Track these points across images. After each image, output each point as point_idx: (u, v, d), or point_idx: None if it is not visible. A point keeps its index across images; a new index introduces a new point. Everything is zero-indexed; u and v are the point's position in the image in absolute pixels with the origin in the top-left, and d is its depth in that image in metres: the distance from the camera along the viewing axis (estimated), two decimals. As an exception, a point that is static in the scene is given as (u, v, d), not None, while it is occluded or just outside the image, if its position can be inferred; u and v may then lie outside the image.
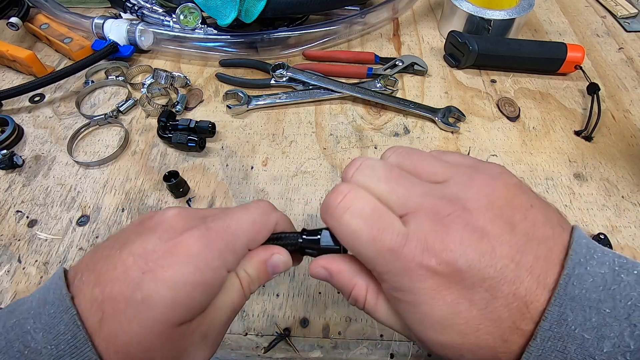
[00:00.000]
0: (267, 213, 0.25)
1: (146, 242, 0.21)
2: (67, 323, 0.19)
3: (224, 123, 0.52)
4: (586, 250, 0.19)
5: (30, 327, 0.19)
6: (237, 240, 0.23)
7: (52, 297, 0.20)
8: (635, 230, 0.42)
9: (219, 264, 0.22)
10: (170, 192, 0.44)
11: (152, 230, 0.22)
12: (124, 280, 0.20)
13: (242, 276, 0.24)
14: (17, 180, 0.46)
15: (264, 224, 0.24)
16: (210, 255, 0.21)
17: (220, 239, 0.22)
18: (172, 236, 0.21)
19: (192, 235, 0.22)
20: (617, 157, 0.48)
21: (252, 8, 0.56)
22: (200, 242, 0.21)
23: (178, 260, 0.20)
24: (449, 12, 0.62)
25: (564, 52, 0.55)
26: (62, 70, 0.53)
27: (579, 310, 0.18)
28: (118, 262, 0.21)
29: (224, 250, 0.22)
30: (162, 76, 0.53)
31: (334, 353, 0.35)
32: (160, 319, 0.20)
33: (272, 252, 0.24)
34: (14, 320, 0.20)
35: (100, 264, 0.21)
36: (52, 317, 0.19)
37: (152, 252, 0.21)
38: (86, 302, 0.20)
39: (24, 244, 0.41)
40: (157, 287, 0.20)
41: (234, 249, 0.23)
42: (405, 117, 0.53)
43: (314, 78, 0.55)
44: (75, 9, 0.65)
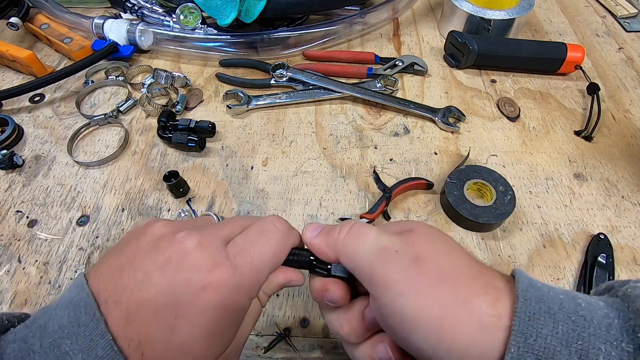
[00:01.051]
0: (286, 238, 0.26)
1: (173, 281, 0.21)
2: (105, 347, 0.19)
3: (224, 123, 0.52)
4: None
5: (69, 348, 0.19)
6: (262, 276, 0.24)
7: (85, 319, 0.20)
8: (635, 230, 0.42)
9: (246, 300, 0.23)
10: (170, 192, 0.44)
11: (177, 267, 0.21)
12: (158, 324, 0.20)
13: (262, 297, 0.26)
14: (17, 180, 0.46)
15: (284, 251, 0.25)
16: (239, 294, 0.22)
17: (246, 278, 0.23)
18: (200, 277, 0.21)
19: (221, 275, 0.22)
20: (617, 157, 0.48)
21: (252, 8, 0.56)
22: (229, 284, 0.22)
23: (211, 305, 0.21)
24: (449, 12, 0.62)
25: (564, 52, 0.55)
26: (62, 70, 0.53)
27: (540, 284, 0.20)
28: (147, 302, 0.20)
29: (250, 289, 0.23)
30: (162, 76, 0.53)
31: (334, 353, 0.35)
32: (189, 354, 0.21)
33: (290, 279, 0.26)
34: (50, 339, 0.20)
35: (127, 296, 0.21)
36: (88, 339, 0.19)
37: (181, 295, 0.21)
38: (120, 338, 0.20)
39: (24, 244, 0.41)
40: (192, 333, 0.21)
41: (259, 284, 0.24)
42: (405, 117, 0.53)
43: (314, 78, 0.55)
44: (75, 9, 0.65)
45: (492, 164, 0.47)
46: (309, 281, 0.26)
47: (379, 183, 0.45)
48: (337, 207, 0.43)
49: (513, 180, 0.45)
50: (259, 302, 0.26)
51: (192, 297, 0.21)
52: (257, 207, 0.44)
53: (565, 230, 0.42)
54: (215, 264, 0.22)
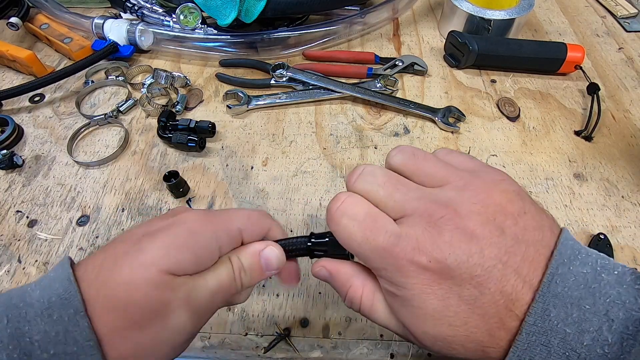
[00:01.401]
0: (263, 215, 0.27)
1: (152, 222, 0.25)
2: (62, 280, 0.21)
3: (224, 123, 0.52)
4: (571, 252, 0.20)
5: (30, 288, 0.21)
6: (231, 223, 0.25)
7: (56, 268, 0.22)
8: (635, 230, 0.42)
9: (211, 235, 0.24)
10: (170, 192, 0.44)
11: (159, 216, 0.26)
12: (125, 241, 0.23)
13: (235, 261, 0.25)
14: (17, 180, 0.46)
15: (258, 220, 0.27)
16: (204, 227, 0.24)
17: (215, 219, 0.25)
18: (174, 215, 0.25)
19: (191, 212, 0.25)
20: (617, 157, 0.48)
21: (252, 8, 0.56)
22: (197, 216, 0.24)
23: (176, 227, 0.23)
24: (449, 12, 0.62)
25: (564, 52, 0.55)
26: (62, 70, 0.53)
27: (561, 306, 0.19)
28: (126, 235, 0.24)
29: (217, 229, 0.24)
30: (162, 76, 0.53)
31: (334, 353, 0.35)
32: (148, 264, 0.21)
33: (266, 245, 0.26)
34: (20, 288, 0.22)
35: (110, 243, 0.24)
36: (50, 279, 0.21)
37: (154, 225, 0.24)
38: (89, 265, 0.22)
39: (24, 244, 0.41)
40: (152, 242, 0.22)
41: (228, 229, 0.25)
42: (405, 117, 0.53)
43: (314, 78, 0.55)
44: (75, 9, 0.65)
45: (492, 163, 0.47)
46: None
47: (379, 183, 0.45)
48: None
49: (513, 180, 0.45)
50: (231, 270, 0.25)
51: (162, 225, 0.24)
52: (257, 207, 0.44)
53: (565, 230, 0.42)
54: (192, 210, 0.25)
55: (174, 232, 0.23)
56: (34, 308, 0.20)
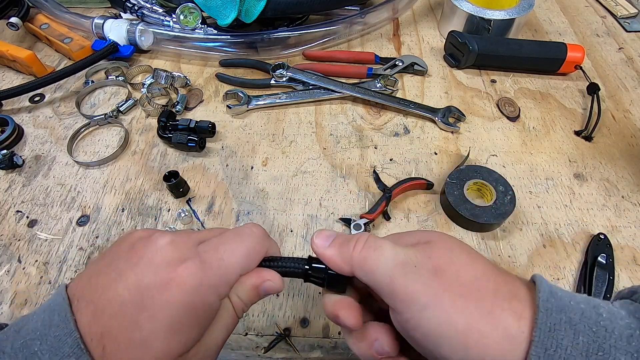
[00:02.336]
0: (261, 242, 0.26)
1: (141, 276, 0.21)
2: (72, 346, 0.20)
3: (224, 123, 0.52)
4: None
5: (38, 348, 0.20)
6: (231, 273, 0.24)
7: (57, 320, 0.20)
8: (635, 230, 0.42)
9: (214, 298, 0.23)
10: (170, 192, 0.44)
11: (147, 263, 0.22)
12: (122, 318, 0.21)
13: (235, 300, 0.25)
14: (17, 180, 0.46)
15: (257, 254, 0.25)
16: (205, 291, 0.22)
17: (214, 274, 0.23)
18: (167, 270, 0.22)
19: (187, 269, 0.22)
20: (617, 157, 0.48)
21: (252, 8, 0.56)
22: (195, 278, 0.22)
23: (174, 299, 0.21)
24: (449, 12, 0.62)
25: (564, 52, 0.55)
26: (62, 70, 0.53)
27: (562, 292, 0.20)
28: (114, 297, 0.21)
29: (218, 285, 0.23)
30: (162, 76, 0.53)
31: (334, 353, 0.35)
32: (159, 356, 0.21)
33: (264, 279, 0.25)
34: (21, 341, 0.20)
35: (98, 294, 0.21)
36: (57, 339, 0.20)
37: (146, 288, 0.21)
38: (86, 334, 0.20)
39: (24, 244, 0.41)
40: (154, 327, 0.21)
41: (228, 282, 0.24)
42: (405, 117, 0.53)
43: (314, 78, 0.55)
44: (75, 9, 0.65)
45: (492, 164, 0.47)
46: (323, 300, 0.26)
47: (379, 183, 0.45)
48: (337, 207, 0.43)
49: (513, 180, 0.45)
50: (232, 310, 0.25)
51: (157, 291, 0.21)
52: (257, 207, 0.44)
53: (565, 230, 0.42)
54: (183, 259, 0.22)
55: (174, 309, 0.21)
56: None
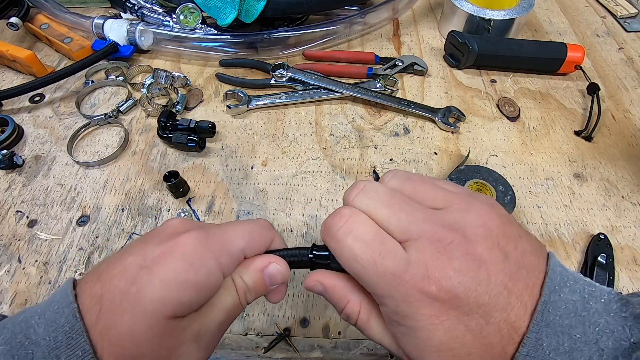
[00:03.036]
0: (265, 227, 0.26)
1: (147, 244, 0.22)
2: (67, 316, 0.20)
3: (224, 123, 0.52)
4: (560, 278, 0.20)
5: (35, 322, 0.20)
6: (233, 244, 0.24)
7: (59, 297, 0.21)
8: (635, 230, 0.42)
9: (214, 264, 0.22)
10: (170, 192, 0.44)
11: (155, 235, 0.23)
12: (121, 276, 0.21)
13: (238, 283, 0.24)
14: (17, 180, 0.46)
15: (260, 234, 0.25)
16: (205, 254, 0.22)
17: (216, 241, 0.23)
18: (171, 238, 0.23)
19: (189, 235, 0.23)
20: (617, 157, 0.48)
21: (252, 8, 0.56)
22: (197, 241, 0.22)
23: (173, 258, 0.21)
24: (449, 12, 0.62)
25: (564, 52, 0.55)
26: (62, 70, 0.53)
27: (553, 335, 0.19)
28: (118, 262, 0.22)
29: (219, 252, 0.23)
30: (162, 76, 0.53)
31: (334, 353, 0.35)
32: (151, 311, 0.20)
33: (270, 261, 0.25)
34: (22, 317, 0.21)
35: (103, 266, 0.22)
36: (54, 312, 0.20)
37: (150, 251, 0.22)
38: (87, 298, 0.21)
39: (24, 244, 0.41)
40: (150, 280, 0.21)
41: (230, 252, 0.23)
42: (405, 117, 0.53)
43: (314, 78, 0.55)
44: (75, 9, 0.65)
45: (492, 164, 0.47)
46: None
47: (379, 183, 0.45)
48: (337, 207, 0.43)
49: (513, 180, 0.45)
50: (235, 293, 0.24)
51: (159, 252, 0.22)
52: (257, 207, 0.44)
53: (565, 230, 0.42)
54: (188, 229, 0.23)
55: (173, 267, 0.21)
56: (41, 347, 0.19)
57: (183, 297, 0.21)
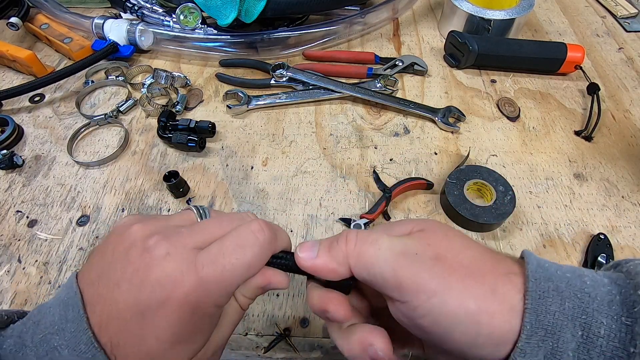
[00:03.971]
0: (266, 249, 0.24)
1: (139, 294, 0.21)
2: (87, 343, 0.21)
3: (224, 123, 0.52)
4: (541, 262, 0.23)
5: (57, 343, 0.21)
6: (231, 286, 0.23)
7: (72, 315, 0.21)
8: (635, 230, 0.42)
9: (214, 310, 0.23)
10: (170, 192, 0.44)
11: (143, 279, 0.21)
12: (127, 333, 0.21)
13: (241, 300, 0.25)
14: (17, 180, 0.46)
15: (261, 262, 0.24)
16: (204, 306, 0.22)
17: (213, 291, 0.22)
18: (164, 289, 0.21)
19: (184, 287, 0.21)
20: (617, 157, 0.48)
21: (252, 8, 0.56)
22: (193, 296, 0.21)
23: (173, 316, 0.21)
24: (449, 12, 0.62)
25: (564, 52, 0.55)
26: (62, 70, 0.53)
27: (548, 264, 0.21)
28: (117, 313, 0.21)
29: (217, 300, 0.23)
30: (162, 76, 0.53)
31: (334, 353, 0.35)
32: None
33: (269, 281, 0.25)
34: (41, 335, 0.21)
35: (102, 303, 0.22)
36: (73, 335, 0.21)
37: (146, 306, 0.21)
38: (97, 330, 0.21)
39: (24, 244, 0.41)
40: (159, 340, 0.21)
41: (228, 294, 0.23)
42: (405, 117, 0.53)
43: (314, 78, 0.55)
44: (75, 9, 0.65)
45: (492, 164, 0.47)
46: (307, 293, 0.25)
47: (379, 183, 0.45)
48: (337, 207, 0.43)
49: (513, 180, 0.45)
50: (238, 306, 0.25)
51: (156, 308, 0.21)
52: (257, 207, 0.44)
53: (565, 230, 0.42)
54: (180, 276, 0.21)
55: (176, 328, 0.21)
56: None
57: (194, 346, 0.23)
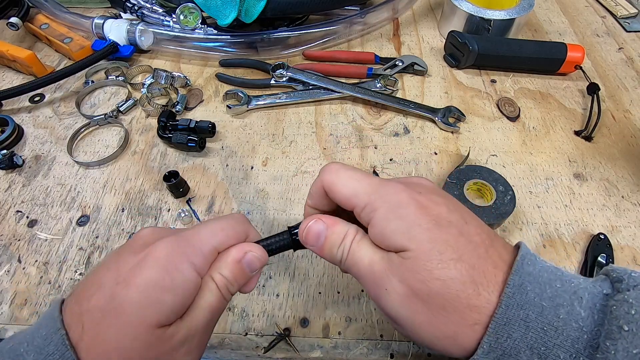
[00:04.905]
0: (239, 222, 0.26)
1: (120, 258, 0.23)
2: (57, 343, 0.20)
3: (224, 123, 0.52)
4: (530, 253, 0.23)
5: (24, 349, 0.20)
6: (205, 243, 0.24)
7: (46, 321, 0.21)
8: (635, 230, 0.42)
9: (187, 266, 0.23)
10: (170, 192, 0.44)
11: (128, 247, 0.24)
12: (98, 293, 0.21)
13: (218, 279, 0.24)
14: (17, 180, 0.46)
15: (233, 230, 0.25)
16: (177, 258, 0.22)
17: (187, 244, 0.23)
18: (144, 248, 0.23)
19: (161, 242, 0.23)
20: (617, 157, 0.48)
21: (252, 8, 0.56)
22: (168, 247, 0.23)
23: (147, 267, 0.22)
24: (449, 12, 0.62)
25: (564, 52, 0.55)
26: (62, 70, 0.53)
27: (535, 283, 0.21)
28: (95, 280, 0.22)
29: (191, 253, 0.23)
30: (162, 76, 0.53)
31: (334, 353, 0.35)
32: (134, 322, 0.20)
33: (245, 250, 0.25)
34: (10, 344, 0.21)
35: (82, 285, 0.23)
36: (43, 338, 0.20)
37: (124, 264, 0.22)
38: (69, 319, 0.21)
39: (24, 244, 0.41)
40: (128, 292, 0.21)
41: (202, 251, 0.24)
42: (405, 117, 0.53)
43: (314, 78, 0.55)
44: (75, 9, 0.65)
45: (492, 164, 0.47)
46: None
47: (379, 183, 0.45)
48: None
49: (513, 180, 0.45)
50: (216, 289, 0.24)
51: (133, 264, 0.22)
52: (257, 207, 0.44)
53: (565, 230, 0.42)
54: (161, 237, 0.23)
55: (147, 275, 0.21)
56: None
57: (162, 304, 0.21)
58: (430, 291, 0.21)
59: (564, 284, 0.21)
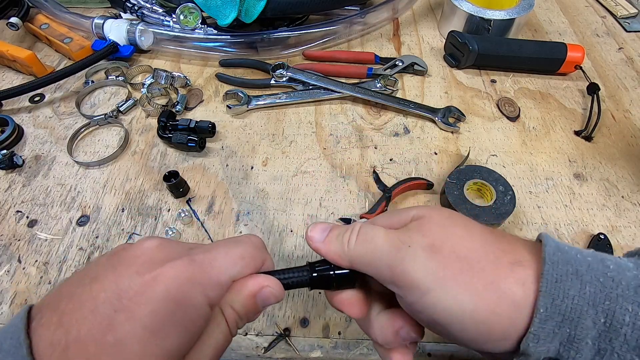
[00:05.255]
0: (257, 249, 0.24)
1: (121, 277, 0.19)
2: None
3: (224, 123, 0.52)
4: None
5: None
6: (222, 273, 0.21)
7: (9, 345, 0.17)
8: (635, 230, 0.42)
9: (201, 298, 0.20)
10: (170, 192, 0.44)
11: (129, 264, 0.20)
12: (93, 320, 0.17)
13: (228, 313, 0.22)
14: (17, 180, 0.46)
15: (253, 259, 0.23)
16: (190, 288, 0.19)
17: (202, 272, 0.20)
18: (151, 269, 0.19)
19: (174, 266, 0.20)
20: (617, 157, 0.48)
21: (252, 8, 0.56)
22: (180, 273, 0.19)
23: (156, 297, 0.18)
24: (449, 12, 0.62)
25: (564, 52, 0.55)
26: (62, 70, 0.53)
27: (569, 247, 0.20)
28: (86, 300, 0.18)
29: (206, 284, 0.20)
30: (162, 76, 0.53)
31: (334, 353, 0.35)
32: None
33: (262, 285, 0.22)
34: None
35: (65, 302, 0.18)
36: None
37: (127, 288, 0.18)
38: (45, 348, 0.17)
39: (24, 244, 0.41)
40: (132, 328, 0.18)
41: (218, 282, 0.21)
42: (405, 117, 0.53)
43: (314, 78, 0.55)
44: (75, 9, 0.65)
45: (492, 164, 0.47)
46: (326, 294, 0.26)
47: (379, 183, 0.45)
48: (337, 207, 0.43)
49: (513, 180, 0.45)
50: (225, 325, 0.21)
51: (138, 288, 0.18)
52: (257, 207, 0.44)
53: (565, 230, 0.42)
54: (171, 258, 0.20)
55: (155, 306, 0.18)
56: None
57: (170, 341, 0.18)
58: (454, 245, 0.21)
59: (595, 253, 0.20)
